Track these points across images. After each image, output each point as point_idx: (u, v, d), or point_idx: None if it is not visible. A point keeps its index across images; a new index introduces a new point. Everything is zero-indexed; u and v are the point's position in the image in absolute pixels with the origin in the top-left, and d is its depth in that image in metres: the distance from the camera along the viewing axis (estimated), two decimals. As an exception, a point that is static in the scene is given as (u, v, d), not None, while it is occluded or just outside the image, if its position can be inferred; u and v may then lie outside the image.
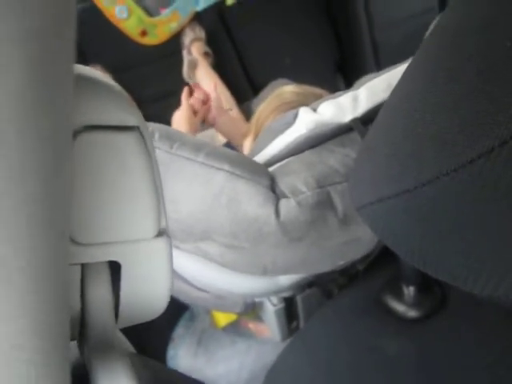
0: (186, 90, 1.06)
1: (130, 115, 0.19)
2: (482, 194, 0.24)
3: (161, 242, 0.21)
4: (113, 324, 0.20)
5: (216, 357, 0.93)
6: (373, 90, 0.55)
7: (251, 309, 0.75)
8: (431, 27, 0.77)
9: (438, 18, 0.76)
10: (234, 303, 0.73)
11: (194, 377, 0.81)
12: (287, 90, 0.86)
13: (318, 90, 0.87)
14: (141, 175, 0.20)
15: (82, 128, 0.18)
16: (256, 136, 0.83)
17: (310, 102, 0.77)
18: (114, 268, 0.21)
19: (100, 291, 0.20)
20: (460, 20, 0.28)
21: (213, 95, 1.05)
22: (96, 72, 0.19)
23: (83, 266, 0.20)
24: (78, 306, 0.20)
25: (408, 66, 0.33)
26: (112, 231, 0.20)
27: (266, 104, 0.85)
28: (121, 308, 0.22)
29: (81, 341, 0.20)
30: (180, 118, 1.02)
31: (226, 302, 0.73)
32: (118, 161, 0.19)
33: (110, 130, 0.19)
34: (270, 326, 0.77)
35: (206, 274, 0.66)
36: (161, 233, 0.21)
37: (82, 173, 0.18)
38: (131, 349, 0.28)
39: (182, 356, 0.98)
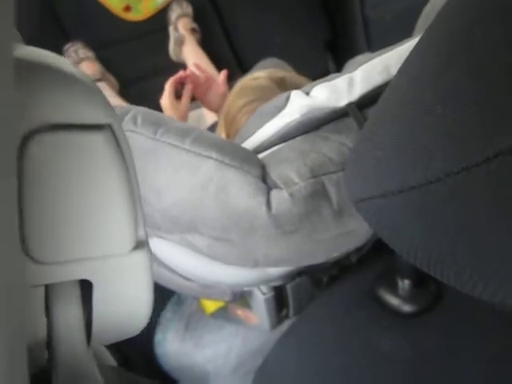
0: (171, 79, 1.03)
1: (100, 112, 0.16)
2: (497, 194, 0.22)
3: (138, 256, 0.18)
4: (83, 348, 0.17)
5: (203, 341, 0.92)
6: (368, 73, 0.52)
7: (240, 297, 0.73)
8: (428, 6, 0.74)
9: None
10: (221, 292, 0.71)
11: (181, 361, 0.79)
12: (248, 85, 0.79)
13: (280, 73, 0.81)
14: (113, 181, 0.17)
15: (41, 127, 0.15)
16: (227, 133, 0.78)
17: (271, 95, 0.71)
18: (86, 284, 0.18)
19: (67, 314, 0.17)
20: (478, 6, 0.25)
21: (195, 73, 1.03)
22: (60, 59, 0.16)
23: (47, 286, 0.17)
24: (42, 330, 0.18)
25: (415, 49, 0.31)
26: (79, 247, 0.17)
27: (231, 102, 0.78)
28: (95, 327, 0.19)
29: (49, 368, 0.18)
30: (165, 106, 1.00)
31: (214, 291, 0.71)
32: (86, 165, 0.16)
33: (75, 129, 0.16)
34: (259, 314, 0.75)
35: (192, 264, 0.64)
36: (138, 245, 0.18)
37: (41, 180, 0.15)
38: (111, 362, 0.26)
39: (169, 340, 0.97)
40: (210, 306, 0.89)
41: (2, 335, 0.12)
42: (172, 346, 0.95)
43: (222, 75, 1.07)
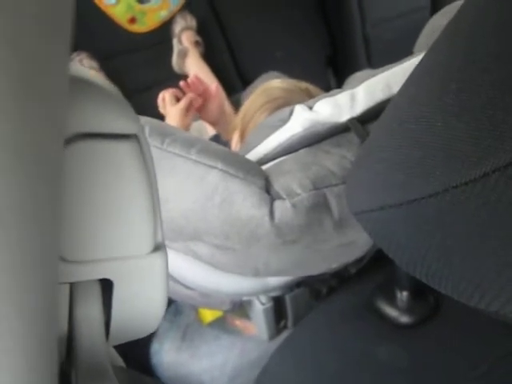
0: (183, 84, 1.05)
1: (129, 122, 0.18)
2: (494, 208, 0.23)
3: (156, 258, 0.20)
4: (103, 346, 0.18)
5: (200, 352, 0.92)
6: (371, 89, 0.53)
7: (239, 307, 0.74)
8: (427, 27, 0.76)
9: (434, 16, 0.75)
10: (221, 302, 0.72)
11: (177, 371, 0.79)
12: (273, 85, 0.85)
13: (304, 84, 0.85)
14: (137, 187, 0.18)
15: (75, 136, 0.16)
16: (242, 133, 0.82)
17: (296, 97, 0.75)
18: (106, 284, 0.19)
19: (89, 311, 0.18)
20: (472, 24, 0.27)
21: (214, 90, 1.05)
22: (92, 73, 0.17)
23: (72, 284, 0.18)
24: (64, 327, 0.19)
25: (415, 69, 0.32)
26: (104, 247, 0.18)
27: (252, 100, 0.83)
28: (112, 326, 0.20)
29: (68, 365, 0.19)
30: (173, 114, 1.02)
31: (213, 300, 0.72)
32: (114, 172, 0.17)
33: (106, 138, 0.17)
34: (257, 325, 0.76)
35: (193, 272, 0.65)
36: (157, 248, 0.20)
37: (73, 184, 0.16)
38: (120, 362, 0.27)
39: (166, 350, 0.97)
40: (208, 315, 0.89)
41: (38, 329, 0.13)
42: (168, 357, 0.95)
43: (213, 87, 1.08)
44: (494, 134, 0.22)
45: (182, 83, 1.04)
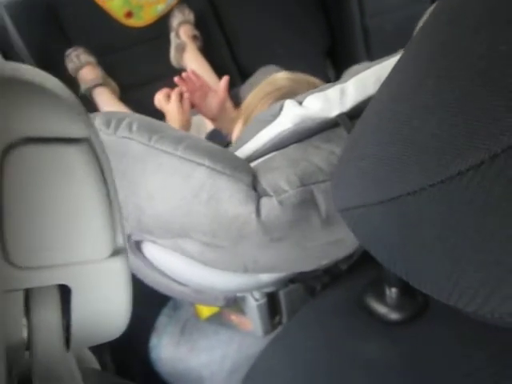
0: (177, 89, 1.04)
1: (78, 126, 0.17)
2: (469, 207, 0.23)
3: (116, 262, 0.19)
4: (61, 352, 0.18)
5: (199, 346, 0.93)
6: (361, 84, 0.53)
7: (233, 303, 0.74)
8: (423, 18, 0.75)
9: (429, 9, 0.74)
10: (214, 298, 0.71)
11: (176, 366, 0.79)
12: (279, 76, 0.84)
13: (311, 78, 0.85)
14: (90, 191, 0.17)
15: (20, 140, 0.16)
16: (245, 122, 0.81)
17: (303, 88, 0.75)
18: (65, 289, 0.19)
19: (46, 318, 0.18)
20: (452, 19, 0.26)
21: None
22: (39, 73, 0.17)
23: (27, 290, 0.18)
24: (20, 334, 0.18)
25: (397, 62, 0.31)
26: (58, 253, 0.17)
27: (258, 90, 0.83)
28: (73, 332, 0.20)
29: (30, 372, 0.18)
30: (171, 111, 1.02)
31: (207, 296, 0.72)
32: (63, 176, 0.17)
33: (53, 142, 0.16)
34: (252, 320, 0.76)
35: (185, 269, 0.65)
36: (116, 252, 0.19)
37: (20, 189, 0.16)
38: (94, 364, 0.27)
39: (164, 345, 0.97)
40: (205, 311, 0.89)
41: None
42: (167, 351, 0.96)
43: (224, 81, 1.07)
44: (468, 132, 0.22)
45: (176, 79, 1.04)
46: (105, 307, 0.20)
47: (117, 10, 1.45)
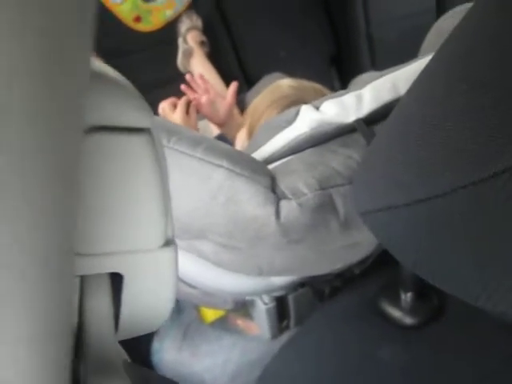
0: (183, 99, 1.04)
1: (142, 116, 0.18)
2: (503, 209, 0.23)
3: (167, 253, 0.20)
4: (113, 340, 0.18)
5: (201, 351, 0.92)
6: (377, 91, 0.53)
7: (241, 306, 0.74)
8: (432, 30, 0.76)
9: (439, 20, 0.75)
10: (223, 301, 0.72)
11: (178, 370, 0.79)
12: (285, 83, 0.85)
13: (317, 86, 0.86)
14: (149, 181, 0.18)
15: (91, 128, 0.16)
16: (250, 129, 0.82)
17: (308, 96, 0.76)
18: (116, 278, 0.19)
19: (99, 305, 0.18)
20: (479, 24, 0.27)
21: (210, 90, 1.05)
22: (105, 67, 0.17)
23: (82, 277, 0.19)
24: (74, 320, 0.19)
25: (425, 69, 0.32)
26: (115, 241, 0.18)
27: (262, 97, 0.83)
28: (121, 321, 0.20)
29: (77, 358, 0.19)
30: (176, 121, 1.02)
31: (216, 299, 0.72)
32: (126, 165, 0.17)
33: (120, 131, 0.17)
34: (260, 324, 0.76)
35: (197, 270, 0.65)
36: (167, 242, 0.20)
37: (86, 177, 0.16)
38: (125, 356, 0.27)
39: (166, 349, 0.97)
40: (210, 314, 0.89)
41: (53, 320, 0.13)
42: (169, 355, 0.95)
43: (233, 87, 1.07)
44: (504, 134, 0.22)
45: (182, 86, 1.04)
46: (152, 297, 0.20)
47: (126, 14, 1.45)
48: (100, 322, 0.18)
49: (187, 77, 1.07)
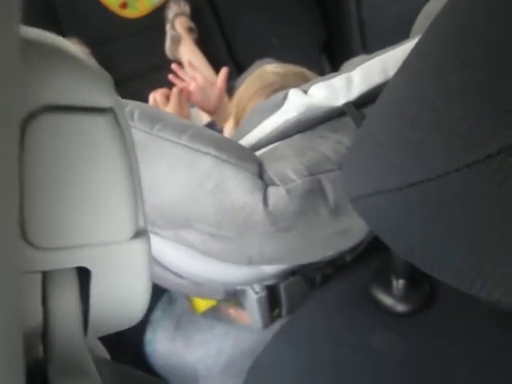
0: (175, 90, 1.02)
1: (103, 95, 0.16)
2: (498, 192, 0.22)
3: (138, 245, 0.18)
4: (81, 339, 0.17)
5: (194, 341, 0.92)
6: (367, 73, 0.52)
7: (232, 296, 0.73)
8: (423, 12, 0.74)
9: (429, 2, 0.73)
10: (214, 291, 0.71)
11: (171, 360, 0.78)
12: (268, 70, 0.83)
13: (298, 69, 0.84)
14: (114, 167, 0.16)
15: (43, 108, 0.15)
16: (237, 119, 0.80)
17: (292, 82, 0.74)
18: (83, 272, 0.18)
19: (64, 302, 0.17)
20: (484, 3, 0.25)
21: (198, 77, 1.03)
22: (63, 41, 0.16)
23: (45, 273, 0.17)
24: (38, 319, 0.17)
25: (415, 48, 0.31)
26: (79, 233, 0.16)
27: (247, 86, 0.82)
28: (91, 318, 0.19)
29: (45, 359, 0.17)
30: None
31: (206, 289, 0.71)
32: (87, 149, 0.15)
33: (76, 111, 0.15)
34: (251, 313, 0.75)
35: (185, 261, 0.64)
36: (138, 234, 0.18)
37: (41, 162, 0.15)
38: (105, 354, 0.26)
39: (159, 339, 0.97)
40: (202, 304, 0.88)
41: None
42: (162, 345, 0.95)
43: (223, 73, 1.05)
44: (498, 113, 0.21)
45: (170, 76, 1.02)
46: (124, 292, 0.19)
47: (111, 0, 1.42)
48: (65, 320, 0.17)
49: (173, 66, 1.05)
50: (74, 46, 0.16)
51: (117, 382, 0.20)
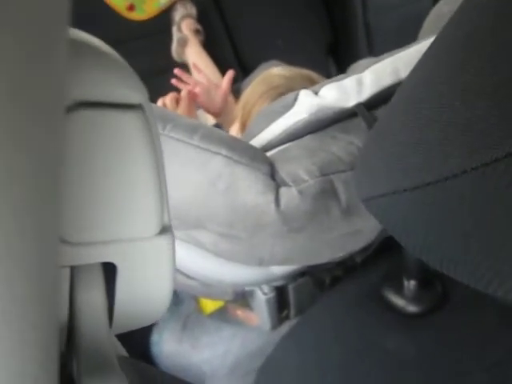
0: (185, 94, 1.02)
1: (134, 91, 0.16)
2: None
3: (163, 241, 0.18)
4: (107, 333, 0.17)
5: (201, 342, 0.92)
6: (378, 75, 0.52)
7: (241, 297, 0.73)
8: (431, 14, 0.74)
9: (437, 5, 0.73)
10: (223, 292, 0.71)
11: (177, 361, 0.78)
12: (274, 73, 0.83)
13: (305, 71, 0.84)
14: (143, 162, 0.16)
15: (76, 104, 0.15)
16: (243, 122, 0.80)
17: (298, 85, 0.74)
18: (109, 268, 0.18)
19: (91, 297, 0.17)
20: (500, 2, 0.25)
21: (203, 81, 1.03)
22: (95, 39, 0.16)
23: (73, 268, 0.17)
24: (65, 313, 0.17)
25: (430, 48, 0.31)
26: (107, 229, 0.16)
27: (252, 89, 0.82)
28: (115, 313, 0.19)
29: (68, 354, 0.17)
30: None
31: (215, 290, 0.71)
32: (118, 145, 0.15)
33: (109, 107, 0.15)
34: (259, 315, 0.75)
35: (196, 261, 0.64)
36: (163, 230, 0.18)
37: (73, 158, 0.15)
38: (122, 351, 0.26)
39: (166, 340, 0.97)
40: (209, 306, 0.89)
41: (35, 316, 0.12)
42: (168, 347, 0.95)
43: (228, 75, 1.05)
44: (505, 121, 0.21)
45: (173, 81, 1.02)
46: (149, 288, 0.19)
47: (119, 3, 1.43)
48: (92, 315, 0.17)
49: (175, 71, 1.05)
50: (105, 44, 0.16)
51: (137, 378, 0.20)
